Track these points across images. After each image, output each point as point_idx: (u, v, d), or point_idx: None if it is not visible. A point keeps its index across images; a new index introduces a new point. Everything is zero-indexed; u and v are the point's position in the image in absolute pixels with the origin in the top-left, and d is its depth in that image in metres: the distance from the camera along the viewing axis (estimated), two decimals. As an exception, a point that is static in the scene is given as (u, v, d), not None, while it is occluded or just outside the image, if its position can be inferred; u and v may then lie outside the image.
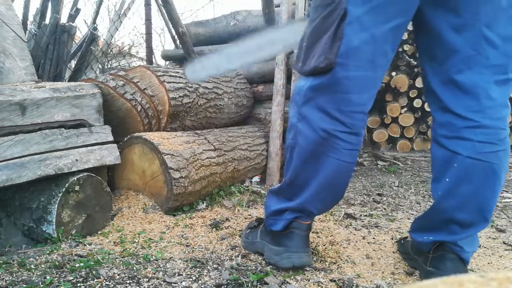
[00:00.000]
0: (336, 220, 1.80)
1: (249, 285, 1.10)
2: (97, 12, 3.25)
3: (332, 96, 1.11)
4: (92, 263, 1.20)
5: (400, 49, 3.53)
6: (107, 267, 1.18)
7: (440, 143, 1.17)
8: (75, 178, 1.50)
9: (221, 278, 1.14)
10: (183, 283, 1.11)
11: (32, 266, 1.18)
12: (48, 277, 1.09)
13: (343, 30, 1.04)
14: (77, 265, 1.19)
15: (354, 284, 1.18)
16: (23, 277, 1.10)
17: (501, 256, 1.47)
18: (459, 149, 1.12)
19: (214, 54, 1.77)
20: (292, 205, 1.24)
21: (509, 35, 1.04)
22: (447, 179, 1.15)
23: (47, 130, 1.50)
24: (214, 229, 1.63)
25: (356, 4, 1.02)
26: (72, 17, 2.80)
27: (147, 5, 3.46)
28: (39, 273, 1.13)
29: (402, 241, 1.47)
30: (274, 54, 1.78)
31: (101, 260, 1.23)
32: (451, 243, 1.20)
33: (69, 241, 1.44)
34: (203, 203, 1.95)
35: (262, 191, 2.20)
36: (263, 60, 1.77)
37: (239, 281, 1.12)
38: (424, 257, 1.26)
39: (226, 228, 1.65)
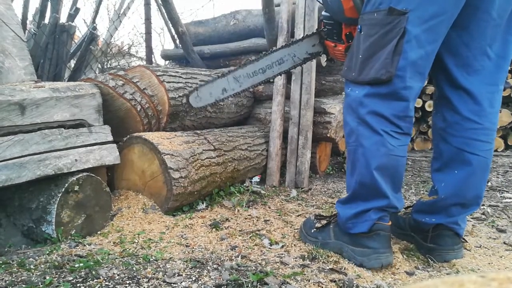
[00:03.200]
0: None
1: (249, 285, 1.10)
2: (96, 12, 3.25)
3: (389, 103, 1.25)
4: (91, 263, 1.20)
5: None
6: (106, 267, 1.18)
7: (448, 140, 1.37)
8: (75, 178, 1.50)
9: (221, 279, 1.14)
10: (183, 284, 1.11)
11: (32, 266, 1.18)
12: (47, 277, 1.09)
13: (402, 47, 1.19)
14: (76, 265, 1.18)
15: (354, 284, 1.18)
16: (22, 277, 1.10)
17: (501, 256, 1.47)
18: (465, 147, 1.33)
19: (220, 79, 1.85)
20: (377, 205, 1.32)
21: (502, 54, 1.29)
22: (456, 171, 1.36)
23: (46, 130, 1.50)
24: (214, 229, 1.63)
25: (414, 24, 1.17)
26: (72, 16, 2.79)
27: (147, 4, 3.46)
28: (38, 273, 1.13)
29: (397, 217, 1.57)
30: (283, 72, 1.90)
31: (101, 261, 1.23)
32: (450, 223, 1.41)
33: (69, 241, 1.43)
34: (203, 203, 1.95)
35: (262, 191, 2.20)
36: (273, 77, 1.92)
37: (239, 281, 1.11)
38: (424, 235, 1.46)
39: (226, 228, 1.65)
